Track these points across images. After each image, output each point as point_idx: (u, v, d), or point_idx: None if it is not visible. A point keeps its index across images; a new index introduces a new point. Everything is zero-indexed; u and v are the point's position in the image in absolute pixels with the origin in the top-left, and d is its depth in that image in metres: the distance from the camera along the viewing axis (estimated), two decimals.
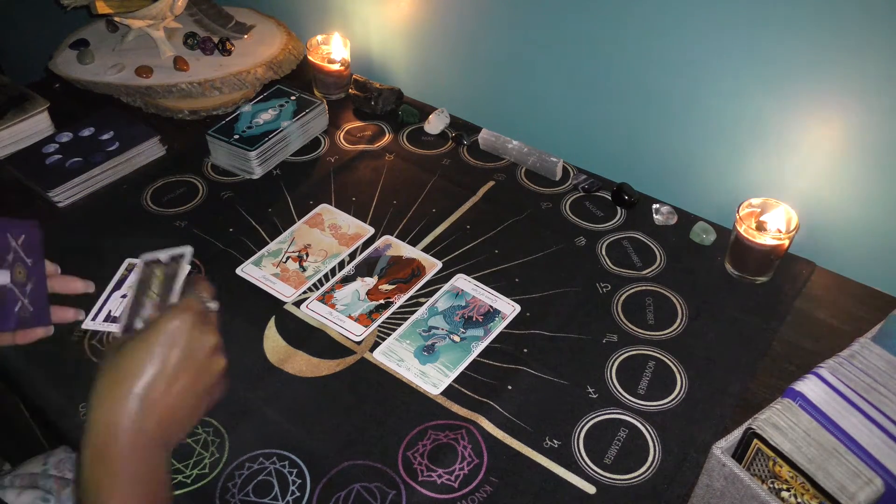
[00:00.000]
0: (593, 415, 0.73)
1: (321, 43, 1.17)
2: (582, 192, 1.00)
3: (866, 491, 0.53)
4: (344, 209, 0.97)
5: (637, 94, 0.97)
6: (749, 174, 0.93)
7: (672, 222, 0.94)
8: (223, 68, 1.15)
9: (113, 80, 1.14)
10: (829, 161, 0.85)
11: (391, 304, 0.84)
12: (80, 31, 1.26)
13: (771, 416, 0.58)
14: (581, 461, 0.69)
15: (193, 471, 0.68)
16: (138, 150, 1.05)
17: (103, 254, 0.90)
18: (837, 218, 0.88)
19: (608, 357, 0.78)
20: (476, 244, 0.92)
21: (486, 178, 1.02)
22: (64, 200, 0.99)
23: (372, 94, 1.13)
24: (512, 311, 0.83)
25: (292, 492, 0.67)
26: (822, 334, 0.81)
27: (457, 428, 0.72)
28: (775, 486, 0.58)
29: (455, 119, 1.12)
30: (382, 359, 0.79)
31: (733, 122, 0.90)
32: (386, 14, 1.16)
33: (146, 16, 1.13)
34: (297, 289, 0.86)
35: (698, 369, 0.77)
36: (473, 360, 0.78)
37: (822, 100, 0.82)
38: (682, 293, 0.85)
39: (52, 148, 1.04)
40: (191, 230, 0.94)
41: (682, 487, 0.67)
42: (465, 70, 1.14)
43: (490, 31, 1.07)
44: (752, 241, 0.83)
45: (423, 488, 0.67)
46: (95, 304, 0.84)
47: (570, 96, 1.04)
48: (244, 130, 1.03)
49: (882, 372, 0.61)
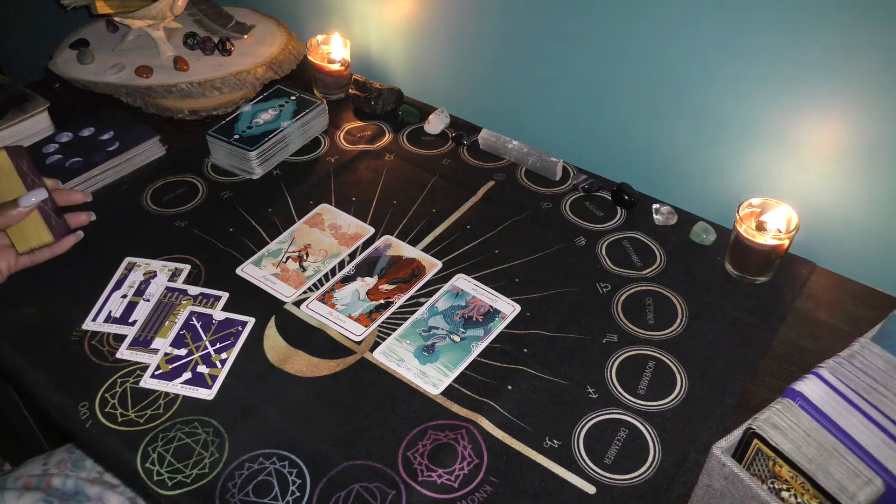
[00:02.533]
0: (593, 415, 0.73)
1: (321, 43, 1.17)
2: (582, 192, 1.00)
3: (866, 491, 0.53)
4: (344, 209, 0.97)
5: (637, 94, 0.97)
6: (749, 174, 0.93)
7: (672, 222, 0.94)
8: (223, 68, 1.15)
9: (113, 80, 1.14)
10: (829, 161, 0.85)
11: (391, 304, 0.84)
12: (80, 31, 1.26)
13: (771, 416, 0.58)
14: (581, 461, 0.69)
15: (193, 471, 0.68)
16: (138, 150, 1.05)
17: (103, 254, 0.90)
18: (837, 218, 0.88)
19: (608, 357, 0.78)
20: (476, 244, 0.92)
21: (486, 178, 1.02)
22: None
23: (372, 94, 1.13)
24: (512, 311, 0.83)
25: (292, 492, 0.67)
26: (822, 334, 0.81)
27: (457, 428, 0.72)
28: (775, 486, 0.58)
29: (455, 119, 1.12)
30: (382, 359, 0.79)
31: (733, 122, 0.90)
32: (385, 14, 1.16)
33: (146, 16, 1.13)
34: (297, 289, 0.86)
35: (698, 369, 0.77)
36: (473, 360, 0.78)
37: (822, 100, 0.82)
38: (682, 293, 0.85)
39: (52, 148, 1.04)
40: (191, 230, 0.94)
41: (682, 487, 0.67)
42: (465, 70, 1.14)
43: (490, 30, 1.07)
44: (752, 241, 0.83)
45: (423, 488, 0.67)
46: (95, 304, 0.84)
47: (570, 96, 1.04)
48: (244, 130, 1.03)
49: (882, 372, 0.61)
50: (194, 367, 0.77)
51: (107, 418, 0.73)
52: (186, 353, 0.78)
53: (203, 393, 0.75)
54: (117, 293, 0.85)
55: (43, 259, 0.87)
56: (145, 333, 0.81)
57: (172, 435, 0.71)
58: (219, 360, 0.78)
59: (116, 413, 0.73)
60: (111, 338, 0.81)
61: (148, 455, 0.70)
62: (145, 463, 0.69)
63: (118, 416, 0.73)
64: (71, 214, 0.90)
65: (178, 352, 0.79)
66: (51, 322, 0.82)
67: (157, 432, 0.71)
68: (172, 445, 0.70)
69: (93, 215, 0.92)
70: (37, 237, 0.82)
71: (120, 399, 0.74)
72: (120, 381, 0.76)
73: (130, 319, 0.82)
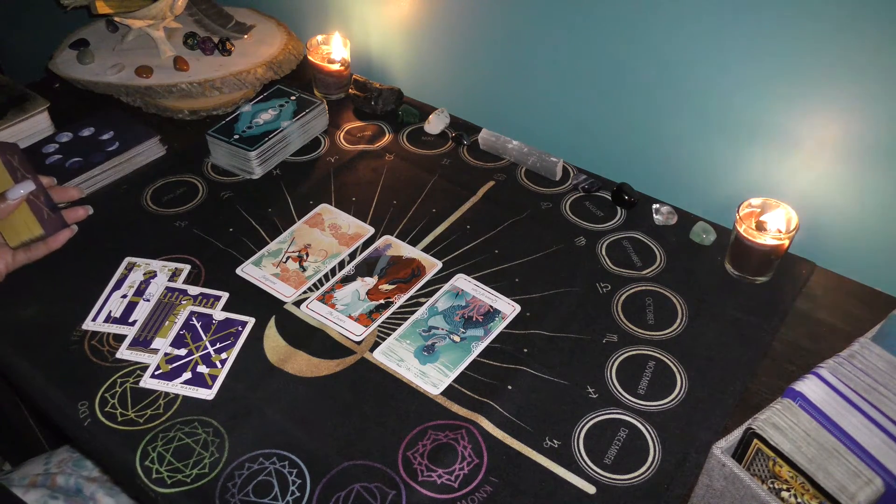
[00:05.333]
0: (593, 415, 0.73)
1: (321, 43, 1.17)
2: (582, 192, 1.00)
3: (866, 491, 0.53)
4: (344, 209, 0.97)
5: (637, 94, 0.97)
6: (749, 174, 0.93)
7: (672, 222, 0.94)
8: (223, 68, 1.15)
9: (113, 80, 1.14)
10: (829, 161, 0.85)
11: (391, 304, 0.84)
12: (80, 31, 1.26)
13: (771, 416, 0.58)
14: (581, 461, 0.69)
15: (193, 470, 0.68)
16: (138, 150, 1.04)
17: (103, 254, 0.90)
18: (837, 218, 0.88)
19: (608, 357, 0.78)
20: (476, 244, 0.92)
21: (486, 178, 1.02)
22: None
23: (372, 94, 1.13)
24: (512, 311, 0.83)
25: (292, 492, 0.67)
26: (822, 334, 0.81)
27: (457, 428, 0.72)
28: (775, 486, 0.58)
29: (455, 119, 1.12)
30: (382, 359, 0.78)
31: (733, 122, 0.90)
32: (385, 14, 1.16)
33: (146, 16, 1.13)
34: (297, 289, 0.86)
35: (698, 369, 0.77)
36: (473, 360, 0.78)
37: (822, 100, 0.82)
38: (682, 293, 0.85)
39: (52, 148, 1.04)
40: (191, 230, 0.94)
41: (682, 487, 0.67)
42: (465, 70, 1.14)
43: (490, 30, 1.07)
44: (752, 241, 0.83)
45: (423, 488, 0.67)
46: (95, 304, 0.84)
47: (570, 96, 1.04)
48: (244, 130, 1.03)
49: (882, 372, 0.61)
50: (194, 367, 0.77)
51: (107, 418, 0.73)
52: (186, 353, 0.78)
53: (203, 393, 0.75)
54: (117, 293, 0.85)
55: (40, 255, 0.87)
56: (145, 333, 0.81)
57: (172, 435, 0.71)
58: (219, 360, 0.78)
59: (116, 413, 0.73)
60: (111, 338, 0.81)
61: (147, 454, 0.70)
62: (145, 462, 0.69)
63: (118, 416, 0.73)
64: (68, 210, 0.92)
65: (178, 352, 0.79)
66: (51, 322, 0.82)
67: (156, 432, 0.71)
68: (172, 445, 0.70)
69: (90, 209, 0.94)
70: (27, 230, 0.83)
71: (120, 399, 0.74)
72: (120, 381, 0.76)
73: (130, 319, 0.82)
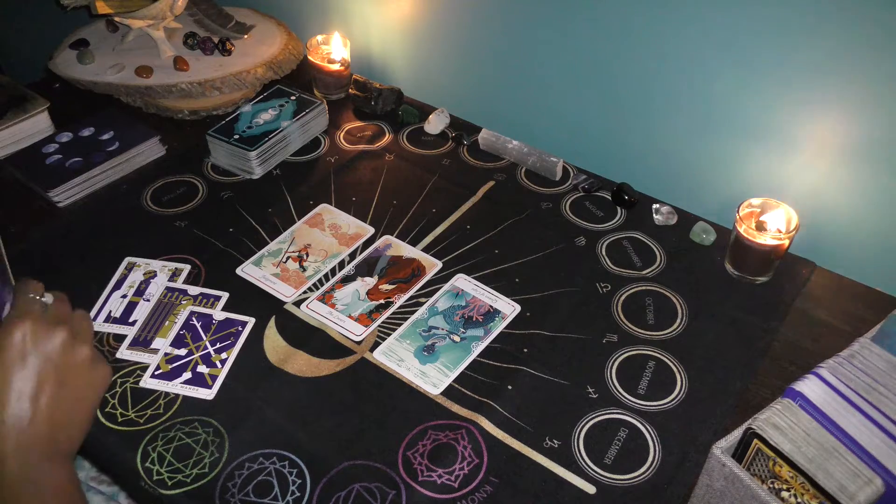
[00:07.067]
0: (593, 415, 0.73)
1: (321, 43, 1.17)
2: (582, 192, 1.00)
3: (866, 491, 0.53)
4: (344, 209, 0.97)
5: (637, 94, 0.97)
6: (749, 174, 0.93)
7: (672, 222, 0.94)
8: (223, 68, 1.15)
9: (113, 80, 1.14)
10: (829, 161, 0.85)
11: (391, 304, 0.84)
12: (80, 31, 1.26)
13: (771, 416, 0.58)
14: (581, 461, 0.69)
15: (193, 470, 0.68)
16: (138, 150, 1.04)
17: (103, 254, 0.90)
18: (837, 218, 0.88)
19: (608, 357, 0.78)
20: (476, 244, 0.92)
21: (486, 178, 1.02)
22: (64, 200, 0.99)
23: (372, 94, 1.13)
24: (512, 311, 0.83)
25: (292, 492, 0.67)
26: (822, 334, 0.81)
27: (457, 428, 0.72)
28: (775, 486, 0.58)
29: (455, 119, 1.12)
30: (382, 359, 0.78)
31: (734, 123, 0.90)
32: (386, 14, 1.16)
33: (146, 16, 1.13)
34: (298, 289, 0.86)
35: (698, 369, 0.77)
36: (473, 360, 0.78)
37: (822, 100, 0.82)
38: (682, 293, 0.85)
39: (52, 148, 1.04)
40: (191, 230, 0.94)
41: (682, 487, 0.67)
42: (465, 70, 1.14)
43: (490, 30, 1.07)
44: (752, 241, 0.83)
45: (423, 488, 0.67)
46: (95, 304, 0.84)
47: (570, 96, 1.04)
48: (244, 130, 1.03)
49: (882, 372, 0.61)
50: (194, 367, 0.77)
51: (107, 418, 0.73)
52: (186, 353, 0.78)
53: (203, 393, 0.75)
54: (117, 293, 0.85)
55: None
56: (145, 333, 0.81)
57: (172, 435, 0.71)
58: (219, 360, 0.78)
59: (116, 413, 0.73)
60: (111, 337, 0.81)
61: (148, 455, 0.70)
62: (145, 463, 0.69)
63: (118, 416, 0.73)
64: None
65: (178, 352, 0.79)
66: None
67: (157, 432, 0.71)
68: (172, 445, 0.70)
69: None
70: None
71: (120, 399, 0.74)
72: (120, 380, 0.76)
73: (130, 319, 0.82)
